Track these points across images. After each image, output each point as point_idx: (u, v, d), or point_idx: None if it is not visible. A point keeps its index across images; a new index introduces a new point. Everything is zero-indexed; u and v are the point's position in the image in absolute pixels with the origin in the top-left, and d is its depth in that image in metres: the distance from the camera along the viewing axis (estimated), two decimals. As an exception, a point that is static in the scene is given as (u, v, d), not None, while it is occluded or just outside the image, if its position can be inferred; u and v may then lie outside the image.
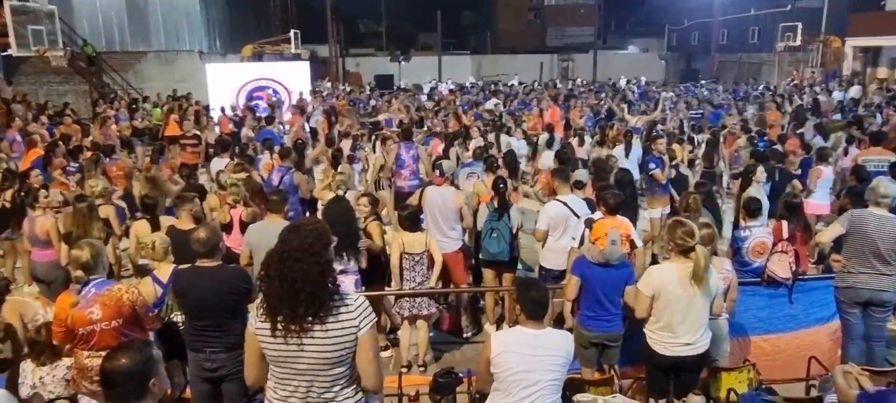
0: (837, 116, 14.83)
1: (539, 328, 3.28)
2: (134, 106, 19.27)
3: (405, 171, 8.85)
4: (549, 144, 11.27)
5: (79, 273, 3.87)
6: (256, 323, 2.61)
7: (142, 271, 5.32)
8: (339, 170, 8.18)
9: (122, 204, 7.26)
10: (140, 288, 4.23)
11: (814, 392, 4.39)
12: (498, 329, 5.73)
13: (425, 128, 13.38)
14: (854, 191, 5.88)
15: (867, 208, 4.93)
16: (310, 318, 2.50)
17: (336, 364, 2.58)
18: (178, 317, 4.29)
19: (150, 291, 4.32)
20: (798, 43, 30.44)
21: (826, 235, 4.94)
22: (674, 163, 8.70)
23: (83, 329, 3.72)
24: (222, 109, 17.13)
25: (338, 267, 5.03)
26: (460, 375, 4.34)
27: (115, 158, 9.26)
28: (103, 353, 3.72)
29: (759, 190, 6.91)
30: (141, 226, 5.96)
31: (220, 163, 8.85)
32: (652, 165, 8.38)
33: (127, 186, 8.53)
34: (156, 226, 5.87)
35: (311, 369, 2.58)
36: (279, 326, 2.52)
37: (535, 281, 3.48)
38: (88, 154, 9.37)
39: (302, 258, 2.51)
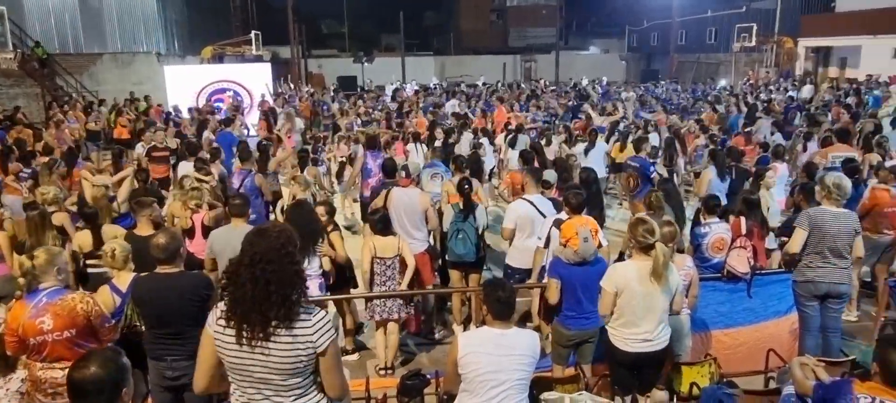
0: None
1: (506, 328, 3.28)
2: (89, 109, 18.72)
3: (372, 181, 8.74)
4: (513, 144, 11.29)
5: (21, 280, 3.72)
6: (216, 326, 2.55)
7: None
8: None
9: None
10: (97, 298, 4.11)
11: (772, 384, 4.51)
12: (465, 329, 5.73)
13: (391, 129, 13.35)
14: (806, 187, 6.05)
15: (821, 205, 5.07)
16: (275, 323, 2.46)
17: (292, 375, 2.54)
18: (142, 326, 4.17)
19: (107, 300, 4.17)
20: (753, 43, 31.39)
21: (795, 244, 5.05)
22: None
23: (34, 339, 3.60)
24: (190, 110, 16.83)
25: None
26: (428, 376, 4.33)
27: (81, 163, 8.99)
28: (57, 365, 3.64)
29: (769, 196, 6.98)
30: (82, 237, 5.75)
31: (187, 166, 8.65)
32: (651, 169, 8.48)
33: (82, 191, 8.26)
34: (97, 236, 5.71)
35: (268, 378, 2.53)
36: (245, 333, 2.46)
37: (502, 282, 3.49)
38: (43, 159, 9.06)
39: (275, 259, 2.47)
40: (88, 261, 5.74)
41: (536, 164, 7.49)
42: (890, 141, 9.20)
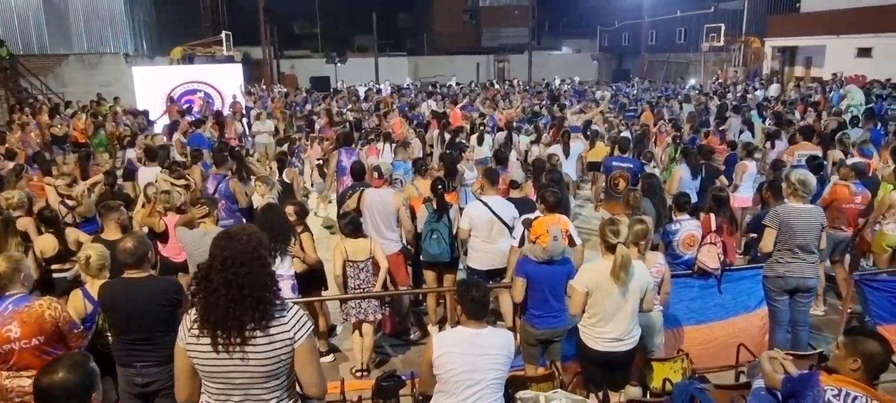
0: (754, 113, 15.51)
1: (480, 327, 3.30)
2: (56, 112, 18.26)
3: (346, 178, 8.72)
4: (480, 141, 11.30)
5: None
6: (188, 338, 2.50)
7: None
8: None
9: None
10: (69, 303, 4.03)
11: (743, 379, 4.58)
12: (440, 330, 5.73)
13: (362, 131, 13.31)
14: (774, 185, 6.18)
15: (787, 202, 5.18)
16: (251, 326, 2.44)
17: (272, 376, 2.53)
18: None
19: (79, 306, 4.06)
20: (721, 43, 31.96)
21: (767, 243, 5.14)
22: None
23: (1, 348, 3.50)
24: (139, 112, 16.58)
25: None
26: (403, 377, 4.32)
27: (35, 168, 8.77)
28: (24, 373, 3.56)
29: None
30: (45, 241, 5.62)
31: (148, 173, 8.48)
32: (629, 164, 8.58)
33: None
34: (61, 240, 5.61)
35: (249, 382, 2.51)
36: (220, 339, 2.43)
37: (476, 282, 3.50)
38: (9, 164, 8.84)
39: (247, 262, 2.45)
40: (52, 266, 5.62)
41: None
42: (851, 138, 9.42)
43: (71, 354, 2.86)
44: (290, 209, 5.83)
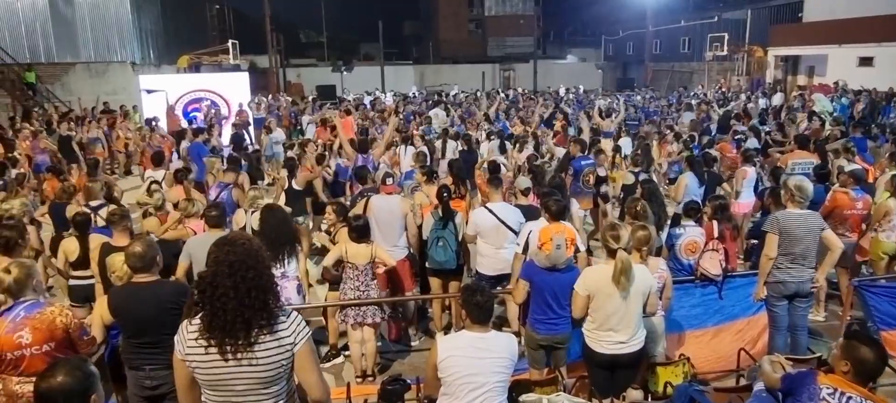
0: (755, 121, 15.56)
1: (484, 331, 3.34)
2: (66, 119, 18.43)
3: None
4: (502, 150, 11.42)
5: (0, 297, 3.68)
6: (188, 349, 2.51)
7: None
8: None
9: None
10: (95, 310, 4.11)
11: (743, 382, 4.62)
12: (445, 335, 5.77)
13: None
14: (774, 191, 6.23)
15: (787, 208, 5.22)
16: (257, 330, 2.47)
17: (273, 381, 2.55)
18: None
19: (105, 314, 4.12)
20: (725, 52, 32.01)
21: (770, 249, 5.18)
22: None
23: (12, 353, 3.54)
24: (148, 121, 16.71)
25: (277, 271, 5.02)
26: (408, 382, 4.36)
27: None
28: (34, 379, 3.60)
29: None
30: (69, 244, 5.71)
31: (155, 176, 8.62)
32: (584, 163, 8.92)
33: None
34: (84, 244, 5.67)
35: (251, 388, 2.53)
36: (228, 345, 2.45)
37: (480, 286, 3.55)
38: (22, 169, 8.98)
39: (253, 265, 2.48)
40: (73, 272, 5.69)
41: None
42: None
43: (69, 358, 2.89)
44: (329, 209, 5.97)
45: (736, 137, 12.25)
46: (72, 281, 5.78)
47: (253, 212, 6.50)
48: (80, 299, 5.68)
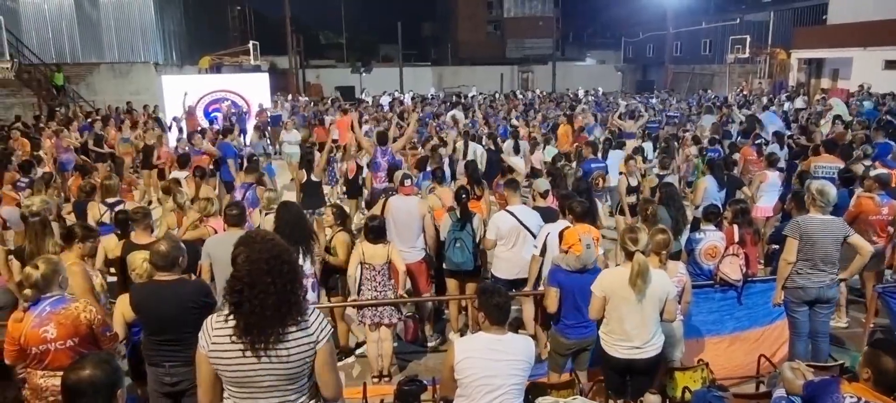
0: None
1: (501, 333, 3.34)
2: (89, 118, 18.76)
3: (381, 174, 8.93)
4: (517, 151, 11.44)
5: (28, 291, 3.76)
6: (213, 346, 2.52)
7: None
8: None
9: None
10: (117, 308, 4.19)
11: (763, 389, 4.57)
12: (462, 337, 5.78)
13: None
14: (797, 195, 6.15)
15: (809, 213, 5.16)
16: (285, 325, 2.49)
17: (297, 377, 2.57)
18: None
19: (127, 311, 4.18)
20: (747, 55, 31.63)
21: (790, 254, 5.12)
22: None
23: (37, 348, 3.61)
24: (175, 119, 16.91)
25: None
26: (425, 383, 4.37)
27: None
28: (58, 373, 3.66)
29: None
30: (109, 241, 5.77)
31: (179, 176, 8.74)
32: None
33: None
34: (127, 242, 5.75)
35: (275, 384, 2.55)
36: (259, 342, 2.46)
37: (498, 288, 3.54)
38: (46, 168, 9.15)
39: (288, 260, 2.52)
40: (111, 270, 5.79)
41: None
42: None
43: (96, 353, 2.94)
44: (328, 212, 5.98)
45: (756, 142, 12.09)
46: (110, 278, 5.85)
47: (266, 214, 6.53)
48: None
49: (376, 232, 5.63)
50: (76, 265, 4.60)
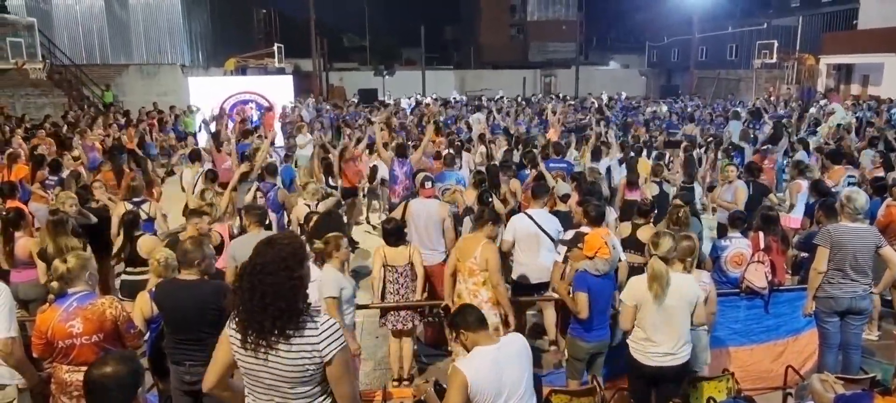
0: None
1: (493, 341, 3.25)
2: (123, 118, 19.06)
3: (398, 187, 8.88)
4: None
5: (54, 284, 3.81)
6: (229, 331, 2.59)
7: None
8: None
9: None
10: (136, 304, 4.23)
11: (790, 401, 4.46)
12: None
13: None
14: (826, 204, 6.00)
15: (841, 221, 5.04)
16: (275, 333, 2.46)
17: (299, 383, 2.53)
18: None
19: (146, 308, 4.23)
20: (774, 60, 31.09)
21: (820, 262, 5.01)
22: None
23: (63, 342, 3.66)
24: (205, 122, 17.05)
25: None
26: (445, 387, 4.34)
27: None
28: (83, 368, 3.71)
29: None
30: (146, 241, 5.85)
31: (190, 174, 8.81)
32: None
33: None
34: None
35: (276, 384, 2.54)
36: (249, 339, 2.49)
37: (467, 305, 3.50)
38: (76, 167, 9.30)
39: (274, 271, 2.47)
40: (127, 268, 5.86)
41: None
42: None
43: (119, 351, 2.97)
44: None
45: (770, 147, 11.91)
46: (124, 276, 5.94)
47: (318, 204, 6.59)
48: (132, 294, 5.83)
49: (393, 234, 5.62)
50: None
